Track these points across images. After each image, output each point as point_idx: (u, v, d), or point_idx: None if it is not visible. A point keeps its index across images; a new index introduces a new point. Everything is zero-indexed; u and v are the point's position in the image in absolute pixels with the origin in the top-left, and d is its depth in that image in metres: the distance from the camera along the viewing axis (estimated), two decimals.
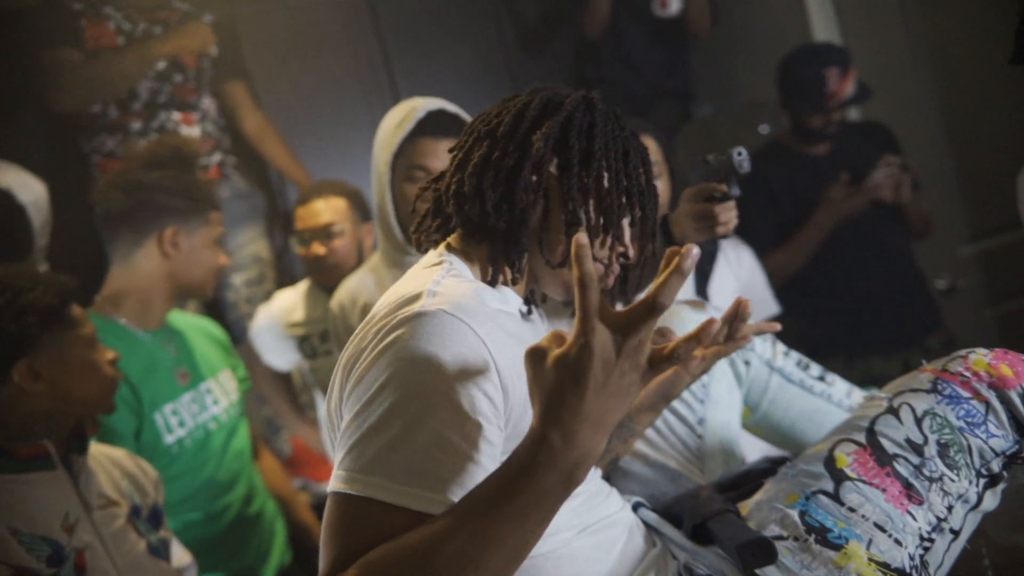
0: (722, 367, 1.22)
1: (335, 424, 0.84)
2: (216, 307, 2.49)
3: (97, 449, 1.35)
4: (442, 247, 0.94)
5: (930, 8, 2.63)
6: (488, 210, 0.88)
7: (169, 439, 1.60)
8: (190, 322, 1.84)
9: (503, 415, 0.79)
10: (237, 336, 2.49)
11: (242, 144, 2.54)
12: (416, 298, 0.81)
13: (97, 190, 1.71)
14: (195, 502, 1.65)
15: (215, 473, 1.68)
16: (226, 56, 2.42)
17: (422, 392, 0.74)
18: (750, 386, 1.24)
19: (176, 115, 2.32)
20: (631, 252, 0.93)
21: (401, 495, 0.72)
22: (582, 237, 0.67)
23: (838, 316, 2.29)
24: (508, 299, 0.91)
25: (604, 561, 0.90)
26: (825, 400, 1.24)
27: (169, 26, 2.30)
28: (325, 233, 2.02)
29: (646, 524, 1.00)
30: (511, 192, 0.88)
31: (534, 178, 0.89)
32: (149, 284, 1.65)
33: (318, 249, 2.02)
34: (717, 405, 1.21)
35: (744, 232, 1.84)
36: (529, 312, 0.96)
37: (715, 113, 3.06)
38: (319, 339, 2.12)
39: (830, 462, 0.97)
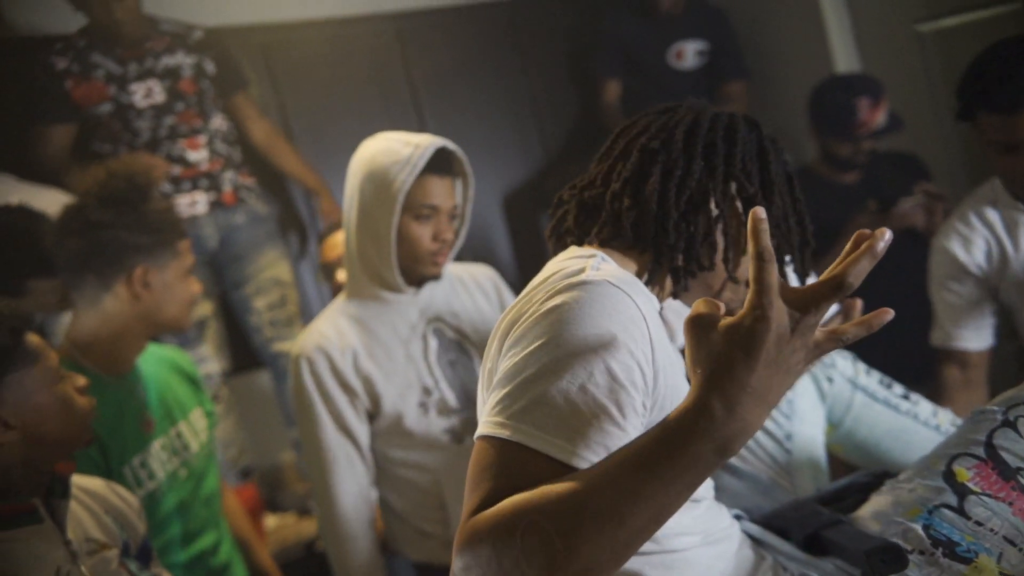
0: (805, 384, 1.21)
1: (489, 383, 0.86)
2: (239, 332, 2.44)
3: (74, 484, 1.19)
4: (589, 247, 0.95)
5: (948, 41, 2.69)
6: (669, 228, 0.90)
7: (139, 493, 1.44)
8: (159, 356, 1.67)
9: (651, 394, 0.80)
10: (262, 360, 2.44)
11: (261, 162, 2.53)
12: (580, 271, 0.84)
13: (49, 234, 1.52)
14: (163, 554, 1.50)
15: (185, 523, 1.55)
16: (225, 71, 2.40)
17: (581, 352, 0.75)
18: (832, 403, 1.23)
19: (181, 142, 2.30)
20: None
21: (548, 444, 0.72)
22: (760, 211, 0.68)
23: (869, 343, 2.29)
24: (652, 300, 0.91)
25: (722, 571, 0.89)
26: (911, 419, 1.22)
27: (159, 57, 2.28)
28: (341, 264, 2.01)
29: (750, 536, 0.97)
30: (695, 214, 0.91)
31: (715, 205, 0.92)
32: (120, 328, 1.49)
33: (342, 278, 2.01)
34: (803, 420, 1.20)
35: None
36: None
37: None
38: None
39: (950, 476, 0.94)
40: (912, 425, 1.22)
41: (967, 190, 2.68)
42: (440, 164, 1.45)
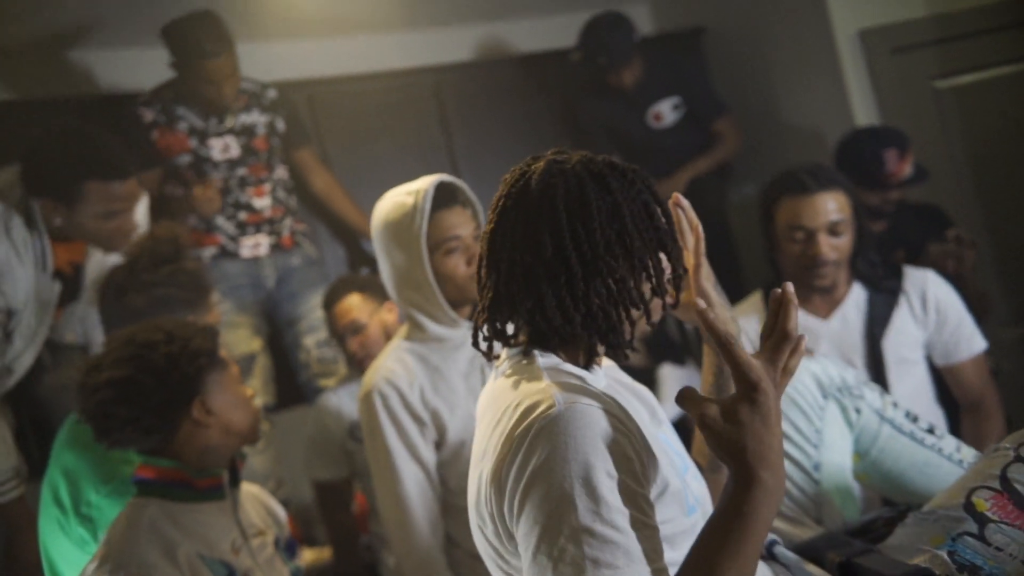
0: (834, 413, 1.28)
1: (502, 549, 0.89)
2: (284, 370, 2.54)
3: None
4: (516, 347, 0.97)
5: (965, 95, 2.77)
6: (581, 329, 0.91)
7: None
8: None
9: (648, 465, 0.87)
10: (306, 396, 2.53)
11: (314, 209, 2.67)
12: (540, 403, 0.85)
13: (106, 292, 1.74)
14: None
15: None
16: (293, 127, 2.56)
17: (597, 484, 0.79)
18: (859, 434, 1.29)
19: (249, 190, 2.44)
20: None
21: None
22: (701, 304, 0.81)
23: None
24: (598, 373, 0.98)
25: None
26: (936, 453, 1.28)
27: (237, 115, 2.43)
28: (352, 329, 2.15)
29: (785, 563, 1.03)
30: (600, 306, 0.91)
31: (610, 280, 0.91)
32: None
33: (351, 345, 2.16)
34: (831, 449, 1.26)
35: None
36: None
37: (757, 193, 3.19)
38: None
39: (970, 507, 1.01)
40: (936, 459, 1.28)
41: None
42: (446, 198, 1.53)
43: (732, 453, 0.78)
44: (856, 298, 1.89)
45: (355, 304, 2.17)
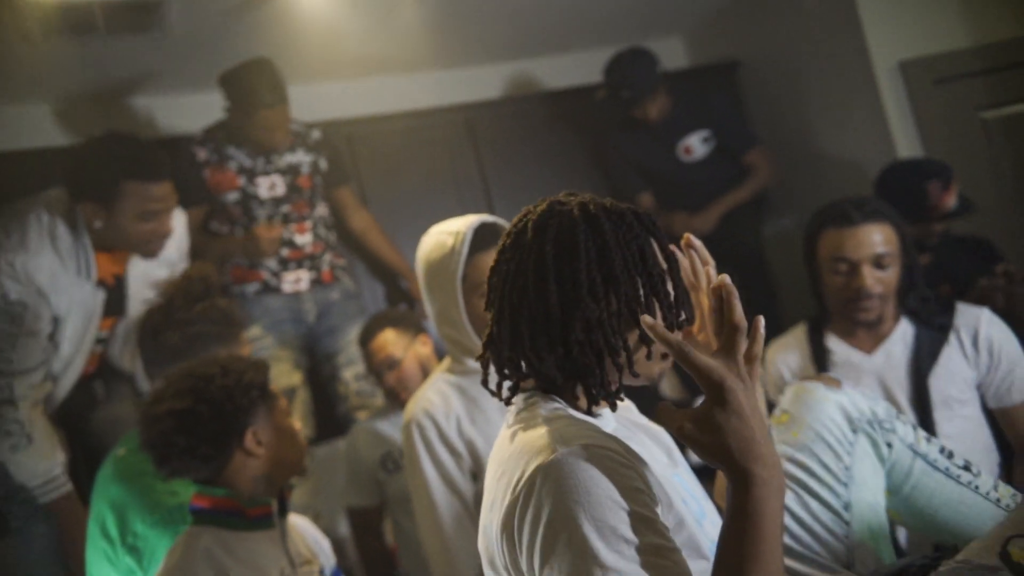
0: (864, 448, 1.24)
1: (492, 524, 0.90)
2: (323, 403, 2.59)
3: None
4: (521, 394, 0.98)
5: (1013, 125, 2.71)
6: (555, 372, 0.92)
7: None
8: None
9: (655, 492, 0.87)
10: (344, 429, 2.56)
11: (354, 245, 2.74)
12: (540, 452, 0.85)
13: (144, 332, 1.81)
14: None
15: None
16: (334, 167, 2.64)
17: (612, 522, 0.79)
18: (891, 469, 1.25)
19: (291, 227, 2.52)
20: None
21: None
22: (647, 319, 0.84)
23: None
24: (606, 416, 0.98)
25: None
26: (971, 490, 1.23)
27: (283, 154, 2.51)
28: (388, 365, 2.19)
29: None
30: (599, 355, 0.90)
31: (609, 333, 0.90)
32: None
33: (388, 380, 2.21)
34: (862, 487, 1.21)
35: None
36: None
37: (794, 226, 3.16)
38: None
39: (1007, 556, 0.98)
40: (971, 497, 1.23)
41: None
42: (487, 239, 1.53)
43: (719, 458, 0.80)
44: (903, 333, 1.84)
45: (390, 339, 2.21)
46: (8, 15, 2.12)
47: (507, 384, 0.98)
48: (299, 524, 1.56)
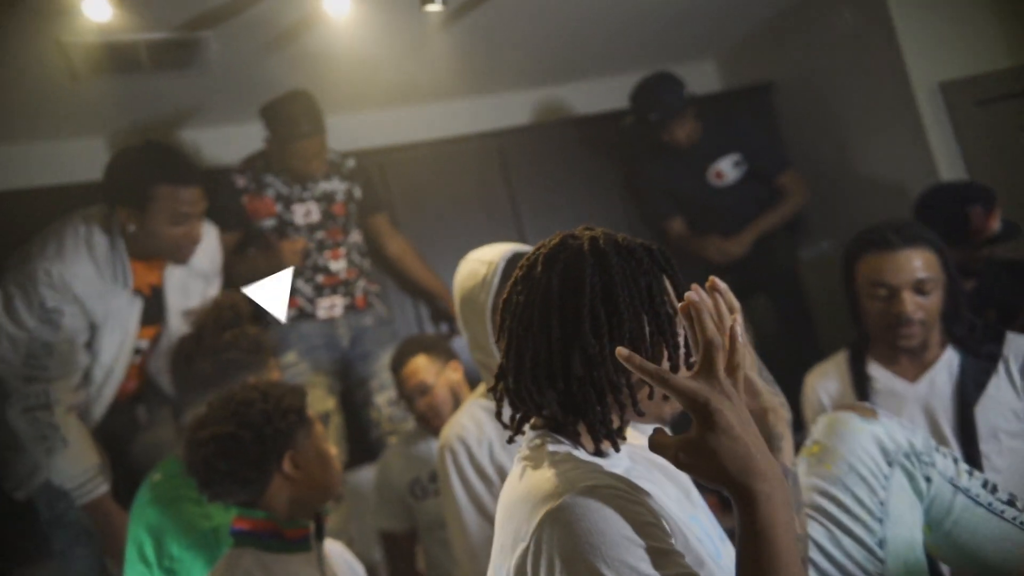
0: (900, 483, 1.19)
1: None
2: (356, 428, 2.61)
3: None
4: (532, 430, 0.98)
5: None
6: (554, 407, 0.92)
7: None
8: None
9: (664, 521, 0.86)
10: (376, 453, 2.58)
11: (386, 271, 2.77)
12: (548, 496, 0.84)
13: (177, 360, 1.86)
14: None
15: None
16: (368, 194, 2.68)
17: (630, 560, 0.78)
18: (931, 504, 1.20)
19: (326, 253, 2.56)
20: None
21: None
22: (623, 351, 0.80)
23: None
24: (618, 456, 0.96)
25: None
26: (1017, 527, 1.18)
27: (318, 182, 2.56)
28: (420, 391, 2.20)
29: None
30: (601, 394, 0.90)
31: (586, 362, 0.89)
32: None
33: (420, 406, 2.21)
34: (898, 523, 1.16)
35: None
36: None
37: (831, 249, 3.11)
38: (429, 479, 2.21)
39: None
40: (1016, 533, 1.17)
41: None
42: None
43: (719, 481, 0.78)
44: (948, 362, 1.79)
45: (421, 366, 2.22)
46: (58, 55, 2.21)
47: (517, 416, 0.97)
48: (334, 550, 1.58)
